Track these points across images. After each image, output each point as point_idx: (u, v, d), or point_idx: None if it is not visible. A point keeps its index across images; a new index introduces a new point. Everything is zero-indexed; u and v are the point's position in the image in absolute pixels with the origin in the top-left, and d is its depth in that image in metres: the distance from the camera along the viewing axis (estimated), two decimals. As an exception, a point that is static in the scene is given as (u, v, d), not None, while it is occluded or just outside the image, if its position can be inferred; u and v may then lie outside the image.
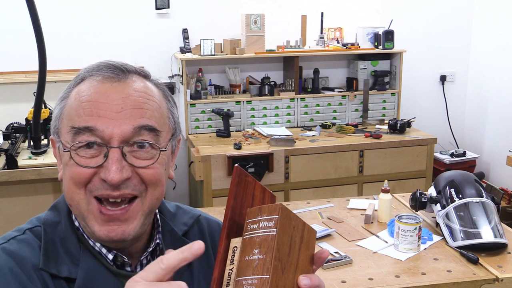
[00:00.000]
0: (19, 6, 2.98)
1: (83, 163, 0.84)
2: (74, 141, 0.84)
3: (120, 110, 0.84)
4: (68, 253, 0.88)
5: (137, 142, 0.85)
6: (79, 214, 0.87)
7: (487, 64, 4.37)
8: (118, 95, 0.85)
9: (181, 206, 1.08)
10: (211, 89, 3.89)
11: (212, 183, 3.38)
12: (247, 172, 0.84)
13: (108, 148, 0.83)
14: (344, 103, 4.09)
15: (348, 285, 1.81)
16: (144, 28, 3.89)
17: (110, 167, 0.82)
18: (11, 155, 2.69)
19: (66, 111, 0.88)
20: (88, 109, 0.84)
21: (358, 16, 4.22)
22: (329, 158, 3.57)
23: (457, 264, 1.93)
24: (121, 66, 0.89)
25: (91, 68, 0.90)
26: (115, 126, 0.83)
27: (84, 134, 0.83)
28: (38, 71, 2.61)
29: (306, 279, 0.75)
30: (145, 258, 0.94)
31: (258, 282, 0.72)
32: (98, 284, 0.87)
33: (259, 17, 3.81)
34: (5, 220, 2.66)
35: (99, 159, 0.84)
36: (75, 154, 0.84)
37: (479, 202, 2.06)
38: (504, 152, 3.77)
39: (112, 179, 0.82)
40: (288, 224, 0.77)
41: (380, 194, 2.30)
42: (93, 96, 0.85)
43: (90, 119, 0.84)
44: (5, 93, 3.70)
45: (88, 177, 0.84)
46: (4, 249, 0.85)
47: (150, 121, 0.86)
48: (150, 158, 0.86)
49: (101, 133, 0.83)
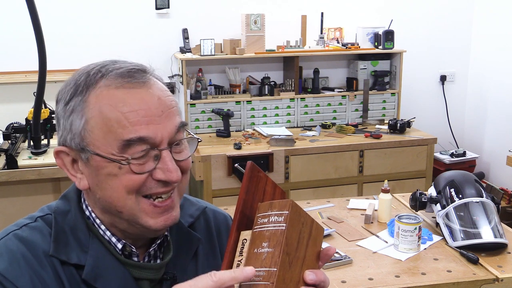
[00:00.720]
0: (19, 6, 2.98)
1: (139, 170, 0.86)
2: (125, 152, 0.85)
3: (160, 113, 0.87)
4: (78, 241, 0.90)
5: (179, 140, 0.90)
6: (130, 217, 0.89)
7: (487, 64, 4.37)
8: (153, 99, 0.88)
9: (188, 198, 1.10)
10: (211, 89, 3.89)
11: (212, 183, 3.38)
12: (259, 168, 0.87)
13: (160, 151, 0.87)
14: (344, 103, 4.09)
15: (348, 285, 1.81)
16: (144, 28, 3.89)
17: (170, 168, 0.86)
18: (11, 155, 2.69)
19: (96, 123, 0.86)
20: (133, 119, 0.85)
21: (358, 16, 4.22)
22: (329, 158, 3.57)
23: (457, 264, 1.93)
24: (136, 66, 0.90)
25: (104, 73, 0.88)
26: (162, 130, 0.87)
27: (137, 144, 0.85)
28: (38, 71, 2.61)
29: (312, 274, 0.77)
30: (153, 249, 0.96)
31: (265, 274, 0.74)
32: (106, 271, 0.89)
33: (259, 17, 3.81)
34: (5, 220, 2.66)
35: (151, 163, 0.87)
36: (128, 164, 0.86)
37: (479, 202, 2.06)
38: (504, 152, 3.77)
39: (174, 179, 0.87)
40: (298, 220, 0.79)
41: (380, 194, 2.30)
42: (132, 104, 0.85)
43: (140, 129, 0.85)
44: (5, 93, 3.70)
45: (143, 181, 0.87)
46: (17, 235, 0.88)
47: (181, 117, 0.92)
48: (184, 150, 0.92)
49: (153, 140, 0.86)
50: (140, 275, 0.93)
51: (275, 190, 0.89)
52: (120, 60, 0.92)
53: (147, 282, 0.93)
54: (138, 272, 0.93)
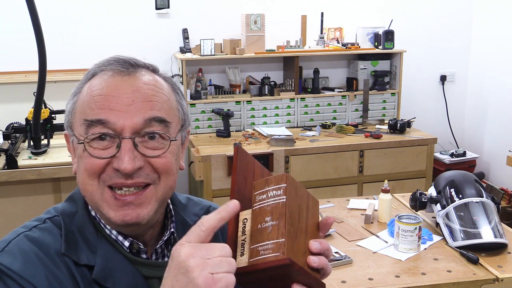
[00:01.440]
0: (19, 6, 2.98)
1: (97, 154, 0.87)
2: (88, 134, 0.87)
3: (130, 103, 0.87)
4: (86, 242, 0.91)
5: (148, 133, 0.88)
6: (93, 204, 0.90)
7: (487, 64, 4.37)
8: (128, 88, 0.88)
9: (191, 198, 1.11)
10: (211, 89, 3.89)
11: (212, 183, 3.38)
12: (247, 152, 0.87)
13: (120, 139, 0.86)
14: (344, 103, 4.09)
15: (348, 285, 1.81)
16: (144, 28, 3.89)
17: (123, 157, 0.86)
18: (11, 155, 2.69)
19: (78, 106, 0.91)
20: (100, 102, 0.87)
21: (358, 16, 4.22)
22: (329, 158, 3.57)
23: (457, 264, 1.93)
24: (130, 60, 0.92)
25: (101, 63, 0.93)
26: (126, 118, 0.86)
27: (96, 126, 0.86)
28: (38, 71, 2.61)
29: (316, 243, 0.79)
30: (160, 247, 0.97)
31: (274, 246, 0.74)
32: (116, 271, 0.90)
33: (259, 17, 3.81)
34: (5, 220, 2.66)
35: (112, 150, 0.87)
36: (88, 146, 0.87)
37: (479, 202, 2.06)
38: (504, 152, 3.77)
39: (125, 168, 0.85)
40: (295, 193, 0.81)
41: (380, 194, 2.30)
42: (104, 90, 0.88)
43: (102, 112, 0.87)
44: (5, 93, 3.70)
45: (101, 167, 0.87)
46: (28, 236, 0.89)
47: (160, 113, 0.89)
48: (161, 148, 0.89)
49: (113, 125, 0.86)
50: (150, 273, 0.93)
51: (263, 171, 0.90)
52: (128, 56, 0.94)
53: (157, 281, 0.93)
54: (148, 271, 0.93)
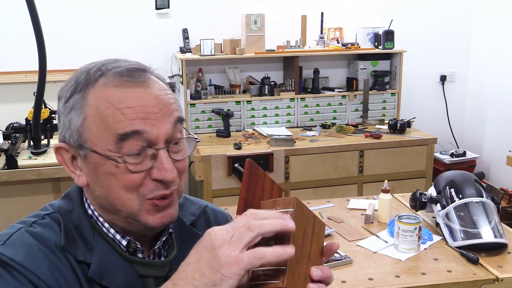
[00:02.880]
0: (19, 6, 2.98)
1: (136, 169, 0.86)
2: (121, 148, 0.85)
3: (158, 111, 0.87)
4: (83, 239, 0.91)
5: (176, 139, 0.90)
6: (128, 215, 0.90)
7: (487, 64, 4.37)
8: (151, 97, 0.88)
9: (188, 197, 1.11)
10: (211, 89, 3.89)
11: (212, 183, 3.38)
12: (258, 166, 0.87)
13: (156, 150, 0.87)
14: (344, 103, 4.09)
15: (348, 285, 1.81)
16: (144, 28, 3.89)
17: (166, 167, 0.86)
18: (11, 155, 2.69)
19: (93, 120, 0.87)
20: (129, 114, 0.85)
21: (358, 16, 4.21)
22: (329, 158, 3.57)
23: (457, 264, 1.93)
24: (137, 67, 0.90)
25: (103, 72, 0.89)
26: (159, 127, 0.87)
27: (132, 138, 0.85)
28: (38, 71, 2.61)
29: (318, 271, 0.78)
30: (158, 247, 0.97)
31: (274, 273, 0.74)
32: (112, 269, 0.90)
33: (259, 17, 3.81)
34: (5, 220, 2.66)
35: (147, 162, 0.87)
36: (124, 162, 0.86)
37: (479, 202, 2.06)
38: (504, 152, 3.77)
39: (170, 178, 0.87)
40: (302, 217, 0.80)
41: (380, 194, 2.30)
42: (129, 101, 0.86)
43: (135, 123, 0.85)
44: (5, 93, 3.70)
45: (140, 181, 0.87)
46: (28, 231, 0.89)
47: (179, 113, 0.91)
48: (181, 150, 0.92)
49: (148, 135, 0.86)
50: (145, 272, 0.93)
51: (272, 187, 0.90)
52: (121, 59, 0.92)
53: (152, 280, 0.94)
54: (143, 270, 0.93)
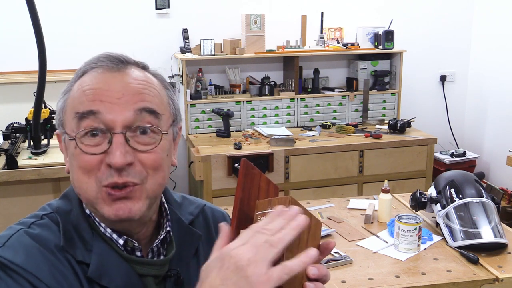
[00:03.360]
0: (19, 6, 2.98)
1: (89, 151, 0.87)
2: (79, 128, 0.87)
3: (121, 96, 0.87)
4: (82, 239, 0.91)
5: (139, 127, 0.88)
6: (88, 201, 0.90)
7: (487, 64, 4.37)
8: (119, 83, 0.89)
9: (186, 197, 1.11)
10: (211, 89, 3.89)
11: (212, 183, 3.38)
12: (253, 165, 0.87)
13: (111, 134, 0.86)
14: (344, 103, 4.09)
15: (348, 285, 1.81)
16: (144, 28, 3.89)
17: (114, 151, 0.85)
18: (11, 155, 2.69)
19: (69, 102, 0.91)
20: (91, 95, 0.87)
21: (358, 16, 4.21)
22: (329, 158, 3.57)
23: (457, 264, 1.93)
24: (120, 57, 0.93)
25: (91, 61, 0.93)
26: (117, 111, 0.86)
27: (87, 118, 0.86)
28: (38, 71, 2.61)
29: (314, 269, 0.77)
30: (156, 246, 0.97)
31: None
32: (111, 269, 0.90)
33: (259, 17, 3.81)
34: (5, 220, 2.66)
35: (104, 145, 0.87)
36: (80, 143, 0.87)
37: (479, 202, 2.06)
38: (504, 152, 3.76)
39: (116, 162, 0.85)
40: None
41: (380, 194, 2.30)
42: (95, 85, 0.89)
43: (93, 104, 0.87)
44: (5, 93, 3.70)
45: (95, 163, 0.87)
46: (27, 232, 0.89)
47: (151, 104, 0.90)
48: (152, 143, 0.89)
49: (103, 117, 0.86)
50: (144, 271, 0.93)
51: (269, 186, 0.89)
52: (115, 52, 0.94)
53: (152, 279, 0.94)
54: (142, 269, 0.93)
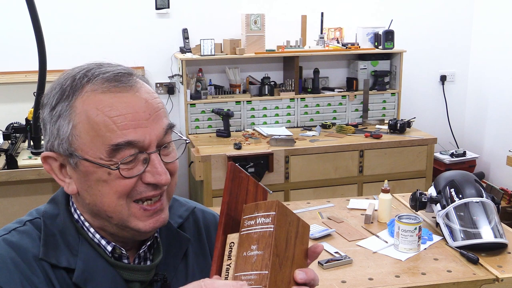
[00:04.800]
0: (19, 6, 2.98)
1: (129, 175, 0.86)
2: (114, 157, 0.85)
3: (148, 116, 0.87)
4: (67, 244, 0.90)
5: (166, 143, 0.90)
6: (119, 222, 0.89)
7: (487, 64, 4.37)
8: (140, 102, 0.87)
9: (177, 199, 1.10)
10: (211, 89, 3.89)
11: (212, 183, 3.38)
12: (241, 168, 0.87)
13: (148, 154, 0.87)
14: (344, 103, 4.09)
15: (348, 285, 1.81)
16: (144, 28, 3.89)
17: (159, 171, 0.87)
18: (11, 155, 2.69)
19: (83, 128, 0.85)
20: (121, 123, 0.84)
21: (358, 16, 4.21)
22: (329, 158, 3.57)
23: (457, 264, 1.93)
24: (123, 71, 0.89)
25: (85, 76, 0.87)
26: (150, 133, 0.87)
27: (125, 149, 0.85)
28: (38, 71, 2.61)
29: (302, 273, 0.77)
30: (143, 251, 0.96)
31: (257, 278, 0.73)
32: (97, 274, 0.89)
33: (259, 17, 3.81)
34: (5, 220, 2.65)
35: (140, 166, 0.87)
36: (121, 170, 0.86)
37: (479, 202, 2.06)
38: (504, 152, 3.77)
39: (164, 181, 0.87)
40: (285, 220, 0.79)
41: (380, 194, 2.30)
42: (121, 110, 0.85)
43: (128, 133, 0.85)
44: (5, 93, 3.70)
45: (133, 186, 0.87)
46: (5, 240, 0.88)
47: (168, 119, 0.91)
48: (172, 151, 0.92)
49: (141, 144, 0.86)
50: (131, 277, 0.93)
51: (257, 188, 0.89)
52: (105, 63, 0.90)
53: (138, 284, 0.93)
54: (129, 274, 0.93)
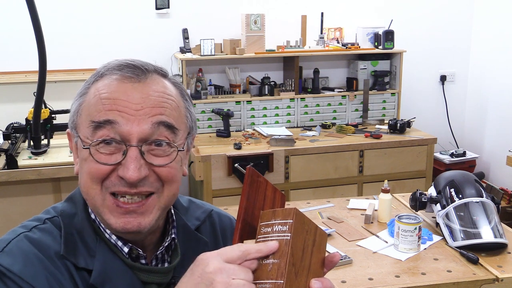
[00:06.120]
0: (19, 6, 2.98)
1: (102, 160, 0.85)
2: (94, 137, 0.85)
3: (139, 108, 0.86)
4: (85, 245, 0.89)
5: (155, 141, 0.86)
6: (94, 208, 0.89)
7: (487, 64, 4.37)
8: (138, 94, 0.87)
9: (193, 201, 1.09)
10: (211, 89, 3.89)
11: (212, 183, 3.38)
12: (259, 173, 0.85)
13: (127, 146, 0.85)
14: (344, 103, 4.09)
15: (348, 285, 1.81)
16: (144, 28, 3.89)
17: (128, 165, 0.84)
18: (11, 155, 2.69)
19: (84, 107, 0.89)
20: (108, 104, 0.85)
21: (358, 16, 4.21)
22: (329, 158, 3.57)
23: (457, 264, 1.93)
24: (141, 66, 0.90)
25: (111, 66, 0.91)
26: (134, 123, 0.85)
27: (104, 128, 0.85)
28: (38, 71, 2.61)
29: (318, 283, 0.76)
30: (160, 252, 0.95)
31: (272, 287, 0.72)
32: (114, 276, 0.88)
33: (259, 17, 3.81)
34: (5, 220, 2.66)
35: (118, 156, 0.85)
36: (94, 151, 0.85)
37: (479, 202, 2.06)
38: (504, 152, 3.76)
39: (130, 177, 0.84)
40: (302, 229, 0.77)
41: (380, 194, 2.30)
42: (113, 94, 0.86)
43: (110, 113, 0.85)
44: (5, 93, 3.70)
45: (105, 173, 0.85)
46: (27, 237, 0.87)
47: (168, 119, 0.88)
48: (167, 155, 0.88)
49: (120, 128, 0.84)
50: (148, 279, 0.92)
51: (275, 194, 0.88)
52: (136, 59, 0.92)
53: (155, 286, 0.93)
54: (146, 276, 0.92)
